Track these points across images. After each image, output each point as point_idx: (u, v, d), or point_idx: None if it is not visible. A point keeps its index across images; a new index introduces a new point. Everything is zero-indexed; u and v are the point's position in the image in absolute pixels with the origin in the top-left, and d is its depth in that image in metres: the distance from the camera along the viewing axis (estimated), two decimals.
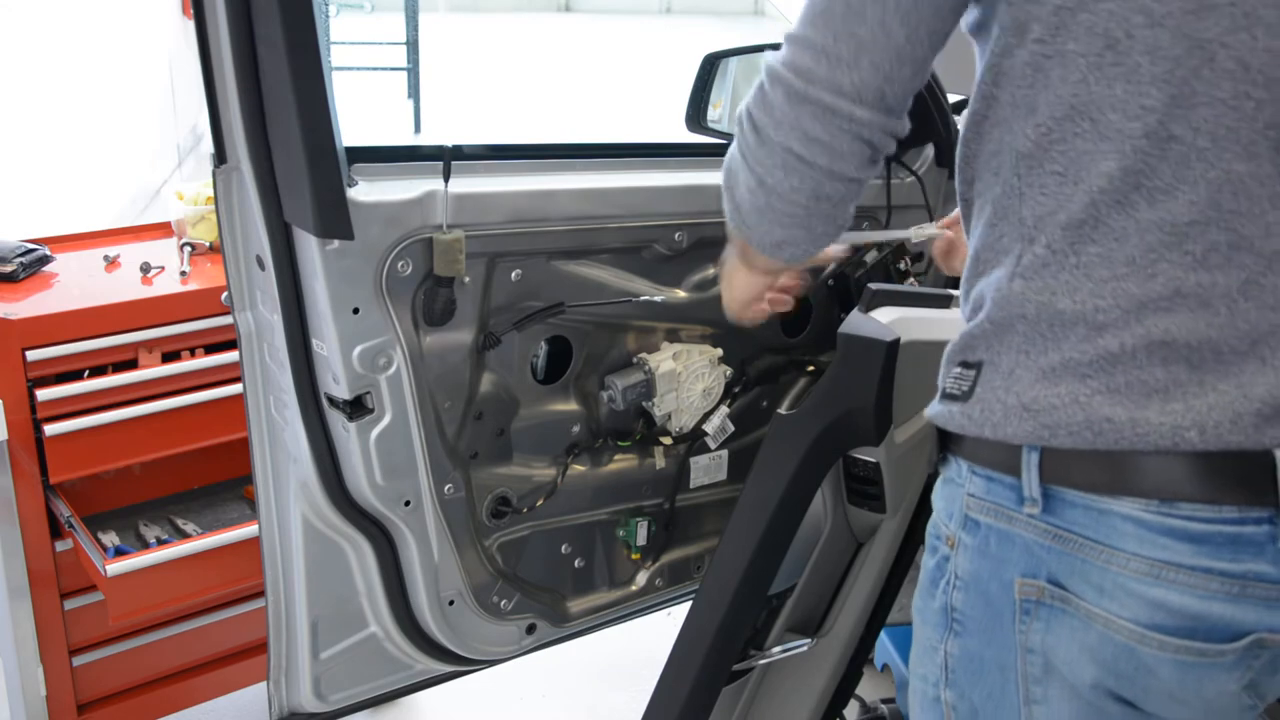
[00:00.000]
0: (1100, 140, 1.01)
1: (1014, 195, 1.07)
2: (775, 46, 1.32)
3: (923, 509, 1.68)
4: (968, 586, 1.11)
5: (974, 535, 1.10)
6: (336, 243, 1.42)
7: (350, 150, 1.44)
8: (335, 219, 1.40)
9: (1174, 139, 0.99)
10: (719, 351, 1.80)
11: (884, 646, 2.47)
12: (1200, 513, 1.00)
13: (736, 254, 1.40)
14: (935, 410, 1.15)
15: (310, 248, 1.43)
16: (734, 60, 1.97)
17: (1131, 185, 1.00)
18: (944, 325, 1.41)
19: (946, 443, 1.15)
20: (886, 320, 1.56)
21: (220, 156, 1.45)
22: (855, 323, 1.57)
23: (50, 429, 1.92)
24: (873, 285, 1.59)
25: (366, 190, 1.44)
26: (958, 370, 1.12)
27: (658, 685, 1.68)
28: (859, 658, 1.86)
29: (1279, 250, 1.01)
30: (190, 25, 3.08)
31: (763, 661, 1.82)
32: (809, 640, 1.82)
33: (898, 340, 1.50)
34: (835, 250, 1.58)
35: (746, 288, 1.45)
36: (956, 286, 1.30)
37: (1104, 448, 1.02)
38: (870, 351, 1.51)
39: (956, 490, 1.12)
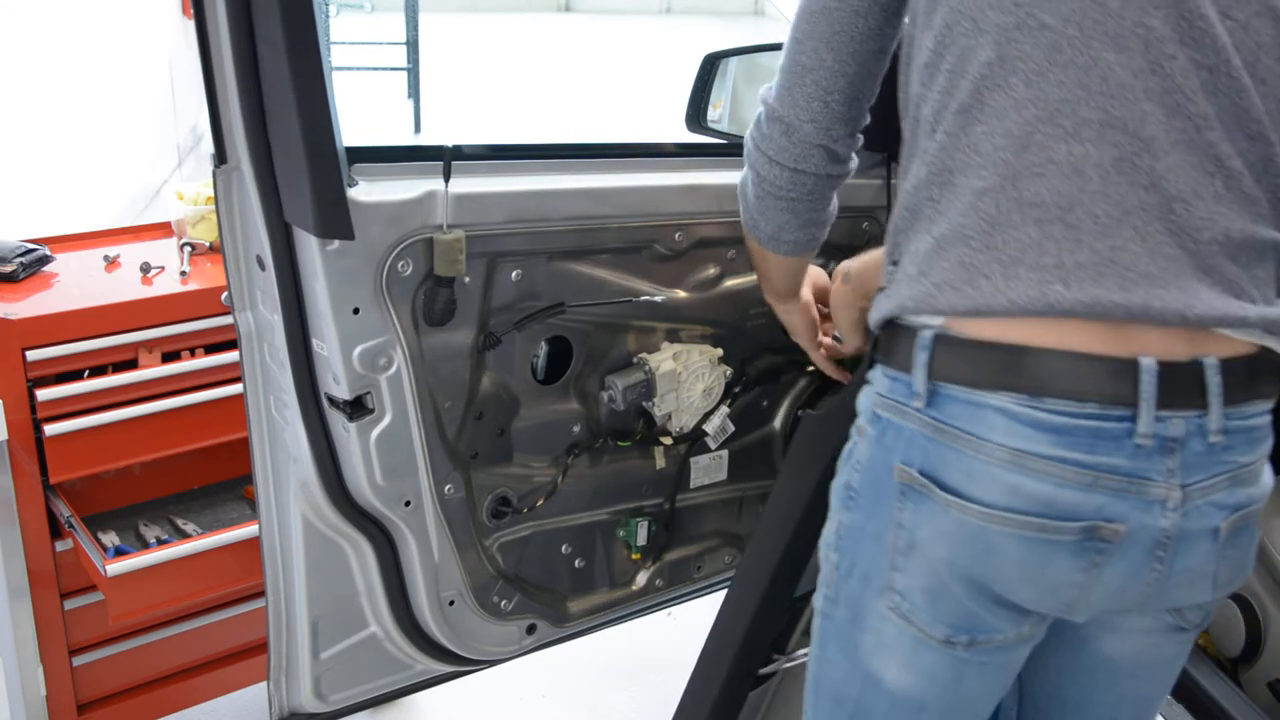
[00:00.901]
0: (980, 35, 1.15)
1: (922, 101, 1.23)
2: (775, 47, 1.35)
3: None
4: (864, 469, 1.26)
5: (876, 427, 1.25)
6: (336, 243, 1.42)
7: (350, 150, 1.44)
8: (335, 219, 1.40)
9: (1046, 27, 1.12)
10: (719, 351, 1.80)
11: None
12: (1065, 407, 1.11)
13: (766, 291, 1.63)
14: (871, 312, 1.29)
15: (310, 248, 1.42)
16: (734, 60, 1.97)
17: (1009, 70, 1.13)
18: None
19: (872, 356, 1.29)
20: None
21: (220, 156, 1.45)
22: None
23: (50, 429, 1.92)
24: None
25: (367, 190, 1.44)
26: (888, 269, 1.28)
27: (686, 690, 1.68)
28: None
29: (1155, 136, 1.12)
30: (190, 25, 3.08)
31: (786, 665, 1.81)
32: None
33: None
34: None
35: (791, 322, 1.66)
36: None
37: (982, 305, 1.13)
38: None
39: (871, 391, 1.27)
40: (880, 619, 1.27)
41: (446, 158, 1.48)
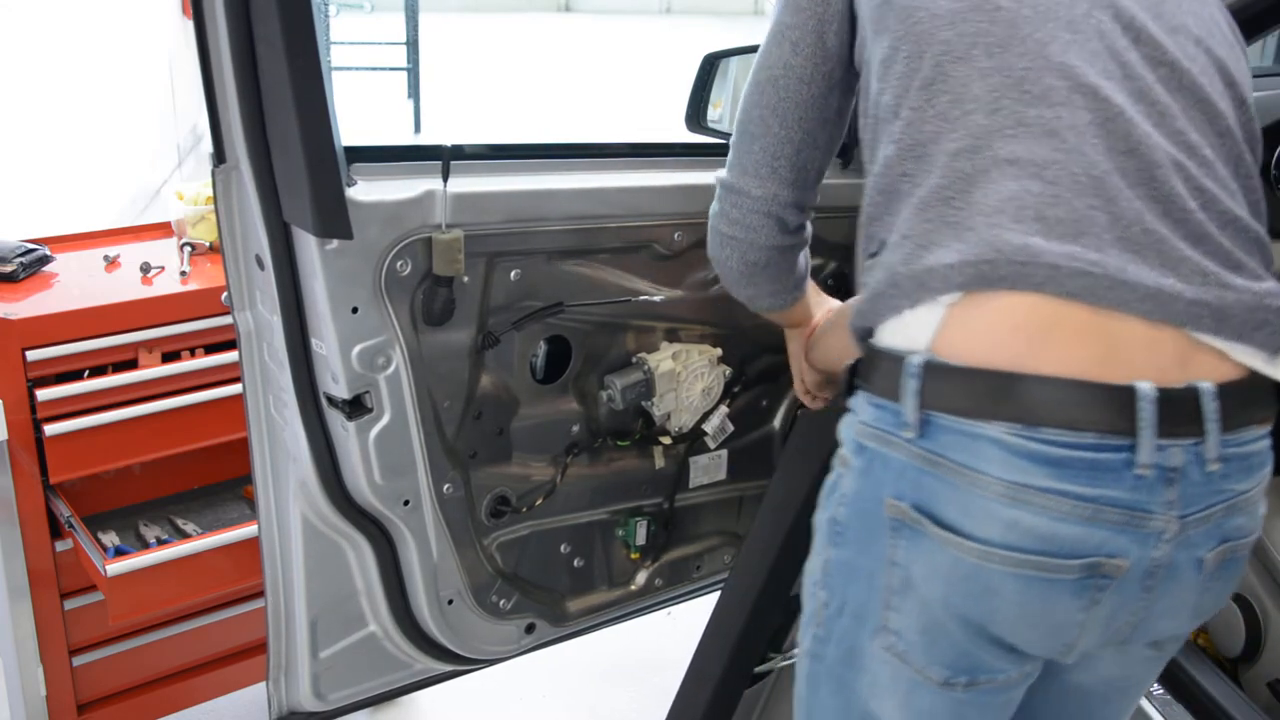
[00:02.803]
0: (934, 19, 1.17)
1: (881, 94, 1.22)
2: None
3: None
4: (851, 503, 1.21)
5: (861, 458, 1.19)
6: (335, 242, 1.42)
7: (350, 150, 1.44)
8: (334, 219, 1.40)
9: (1000, 8, 1.15)
10: (718, 351, 1.80)
11: None
12: (1061, 437, 1.06)
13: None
14: (856, 303, 1.23)
15: (309, 247, 1.43)
16: (734, 60, 1.97)
17: (969, 43, 1.15)
18: None
19: (852, 381, 1.24)
20: None
21: (220, 156, 1.45)
22: None
23: (50, 429, 1.92)
24: None
25: (366, 190, 1.44)
26: (866, 262, 1.24)
27: (681, 689, 1.68)
28: None
29: (1124, 107, 1.12)
30: (190, 25, 3.08)
31: (782, 664, 1.81)
32: None
33: None
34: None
35: (791, 349, 1.69)
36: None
37: (970, 256, 1.09)
38: None
39: (854, 419, 1.22)
40: (875, 659, 1.22)
41: (445, 157, 1.48)
